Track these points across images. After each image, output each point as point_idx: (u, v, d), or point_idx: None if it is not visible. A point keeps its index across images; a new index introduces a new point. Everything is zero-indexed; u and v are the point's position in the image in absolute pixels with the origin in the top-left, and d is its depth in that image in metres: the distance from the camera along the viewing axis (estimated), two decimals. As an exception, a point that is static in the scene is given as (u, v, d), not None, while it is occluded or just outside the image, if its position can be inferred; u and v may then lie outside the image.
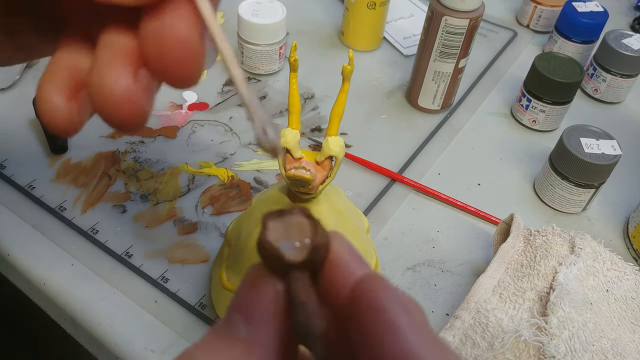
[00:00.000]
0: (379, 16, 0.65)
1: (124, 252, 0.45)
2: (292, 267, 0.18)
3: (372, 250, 0.40)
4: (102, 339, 0.40)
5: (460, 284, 0.45)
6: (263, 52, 0.60)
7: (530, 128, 0.60)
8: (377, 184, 0.52)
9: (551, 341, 0.37)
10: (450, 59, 0.55)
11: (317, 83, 0.63)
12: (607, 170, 0.48)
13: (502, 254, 0.43)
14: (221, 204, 0.49)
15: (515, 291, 0.41)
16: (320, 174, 0.31)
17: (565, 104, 0.57)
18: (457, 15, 0.52)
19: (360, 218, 0.40)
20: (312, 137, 0.56)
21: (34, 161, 0.51)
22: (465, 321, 0.39)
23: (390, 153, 0.55)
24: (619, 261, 0.43)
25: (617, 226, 0.51)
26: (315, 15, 0.73)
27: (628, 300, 0.41)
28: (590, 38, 0.65)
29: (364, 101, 0.61)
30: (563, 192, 0.50)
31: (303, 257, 0.18)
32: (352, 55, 0.30)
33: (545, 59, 0.57)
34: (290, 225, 0.19)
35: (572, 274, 0.41)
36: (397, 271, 0.46)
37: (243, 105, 0.19)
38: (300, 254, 0.18)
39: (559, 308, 0.38)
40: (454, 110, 0.61)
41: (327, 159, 0.31)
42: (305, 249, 0.18)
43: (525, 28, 0.74)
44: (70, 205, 0.47)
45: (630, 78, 0.62)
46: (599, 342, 0.38)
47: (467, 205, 0.51)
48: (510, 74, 0.67)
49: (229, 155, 0.53)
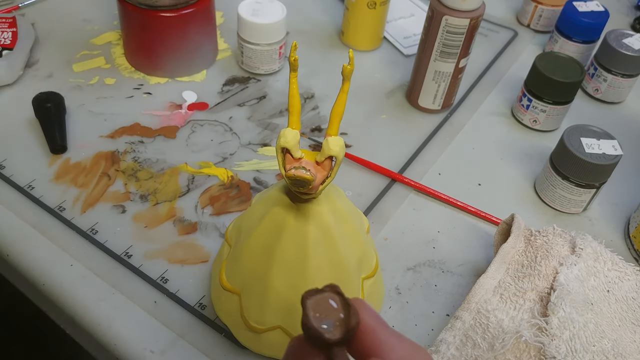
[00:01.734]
0: (379, 16, 0.65)
1: (124, 253, 0.44)
2: (332, 344, 0.22)
3: (372, 251, 0.40)
4: (101, 339, 0.40)
5: (460, 284, 0.45)
6: (263, 52, 0.60)
7: (531, 128, 0.60)
8: (377, 184, 0.52)
9: (552, 342, 0.37)
10: (451, 58, 0.55)
11: (317, 83, 0.62)
12: (608, 171, 0.48)
13: (502, 254, 0.43)
14: (221, 204, 0.49)
15: (516, 292, 0.41)
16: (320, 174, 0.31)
17: (566, 103, 0.57)
18: (458, 14, 0.52)
19: (361, 218, 0.40)
20: (312, 137, 0.56)
21: (33, 161, 0.51)
22: (465, 322, 0.39)
23: (391, 153, 0.55)
24: (620, 261, 0.43)
25: (618, 226, 0.51)
26: (315, 15, 0.73)
27: (629, 300, 0.41)
28: (591, 38, 0.65)
29: (364, 101, 0.61)
30: (564, 192, 0.50)
31: (341, 335, 0.22)
32: (352, 55, 0.30)
33: (546, 59, 0.57)
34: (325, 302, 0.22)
35: (572, 275, 0.40)
36: (398, 271, 0.45)
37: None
38: (338, 333, 0.22)
39: (560, 308, 0.38)
40: (454, 110, 0.61)
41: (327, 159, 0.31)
42: (341, 326, 0.22)
43: (526, 28, 0.74)
44: (69, 206, 0.47)
45: (631, 78, 0.62)
46: (600, 343, 0.38)
47: (467, 206, 0.51)
48: (510, 73, 0.67)
49: (229, 155, 0.53)
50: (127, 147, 0.53)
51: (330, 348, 0.22)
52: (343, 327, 0.22)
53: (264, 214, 0.35)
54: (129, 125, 0.55)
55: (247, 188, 0.51)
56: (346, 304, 0.22)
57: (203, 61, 0.62)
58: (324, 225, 0.34)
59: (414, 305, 0.43)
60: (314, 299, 0.22)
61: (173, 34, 0.57)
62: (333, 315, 0.22)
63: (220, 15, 0.70)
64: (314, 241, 0.34)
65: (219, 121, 0.57)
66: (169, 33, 0.57)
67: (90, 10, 0.69)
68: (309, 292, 0.22)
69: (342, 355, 0.22)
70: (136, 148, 0.53)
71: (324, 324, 0.22)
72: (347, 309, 0.22)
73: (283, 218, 0.34)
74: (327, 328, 0.22)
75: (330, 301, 0.22)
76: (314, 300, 0.22)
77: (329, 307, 0.22)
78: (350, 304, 0.22)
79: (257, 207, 0.37)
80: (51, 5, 0.69)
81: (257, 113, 0.58)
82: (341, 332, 0.22)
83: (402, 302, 0.44)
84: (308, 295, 0.22)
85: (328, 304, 0.22)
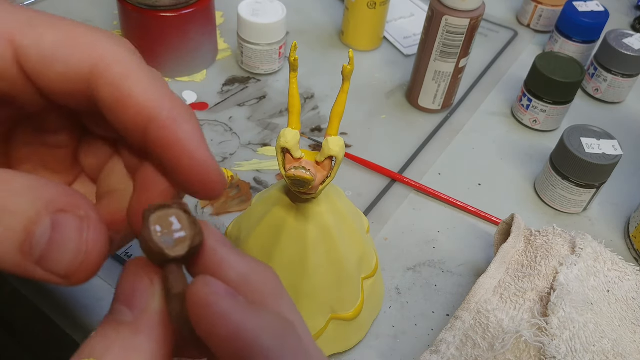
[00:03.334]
0: (379, 16, 0.65)
1: (124, 253, 0.44)
2: (170, 260, 0.20)
3: (372, 251, 0.40)
4: (101, 339, 0.40)
5: (460, 284, 0.45)
6: (263, 52, 0.60)
7: (531, 128, 0.60)
8: (377, 184, 0.52)
9: (552, 342, 0.37)
10: (451, 58, 0.55)
11: (317, 83, 0.62)
12: (608, 171, 0.48)
13: (502, 254, 0.43)
14: (221, 204, 0.49)
15: (516, 292, 0.41)
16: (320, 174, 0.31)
17: (566, 103, 0.57)
18: (458, 14, 0.52)
19: (361, 218, 0.40)
20: (312, 137, 0.56)
21: (33, 161, 0.51)
22: (465, 322, 0.39)
23: (391, 153, 0.55)
24: (620, 261, 0.43)
25: (618, 226, 0.51)
26: (315, 15, 0.73)
27: (629, 300, 0.41)
28: (591, 38, 0.65)
29: (364, 101, 0.61)
30: (564, 192, 0.50)
31: (183, 252, 0.20)
32: (352, 55, 0.30)
33: (546, 59, 0.57)
34: (169, 218, 0.20)
35: (572, 275, 0.40)
36: (398, 271, 0.45)
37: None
38: (180, 250, 0.20)
39: (560, 308, 0.38)
40: (454, 110, 0.61)
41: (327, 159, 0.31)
42: (184, 244, 0.20)
43: (526, 28, 0.74)
44: (69, 206, 0.47)
45: (631, 78, 0.62)
46: (600, 343, 0.38)
47: (467, 206, 0.51)
48: (510, 73, 0.67)
49: (229, 155, 0.53)
50: (127, 147, 0.53)
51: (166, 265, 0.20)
52: (185, 245, 0.20)
53: (264, 214, 0.35)
54: (129, 125, 0.55)
55: (247, 188, 0.51)
56: (192, 222, 0.21)
57: (203, 61, 0.62)
58: (324, 225, 0.34)
59: (414, 305, 0.43)
60: (158, 214, 0.20)
61: (173, 34, 0.57)
62: (176, 231, 0.20)
63: (220, 15, 0.70)
64: (314, 241, 0.34)
65: (219, 121, 0.57)
66: (169, 33, 0.57)
67: (90, 10, 0.69)
68: (153, 205, 0.21)
69: (176, 272, 0.20)
70: (136, 148, 0.53)
71: (165, 239, 0.20)
72: (192, 227, 0.21)
73: (283, 218, 0.34)
74: (169, 244, 0.20)
75: (173, 218, 0.20)
76: (157, 215, 0.20)
77: (173, 223, 0.20)
78: (196, 222, 0.21)
79: (257, 207, 0.37)
80: (51, 5, 0.69)
81: (257, 113, 0.58)
82: (183, 250, 0.20)
83: (402, 302, 0.43)
84: (152, 209, 0.20)
85: (172, 220, 0.20)
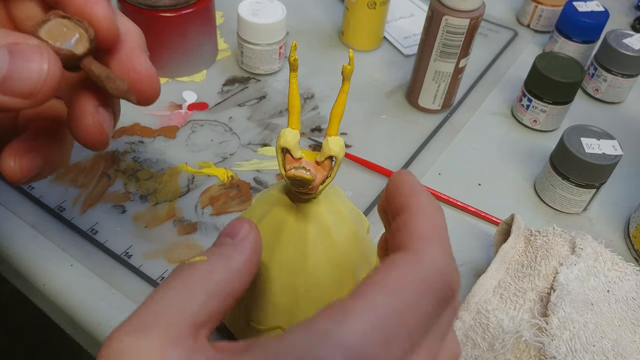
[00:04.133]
0: (379, 16, 0.65)
1: (124, 253, 0.44)
2: (81, 57, 0.23)
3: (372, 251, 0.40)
4: (101, 339, 0.40)
5: (460, 284, 0.45)
6: (263, 52, 0.60)
7: (531, 128, 0.60)
8: (377, 184, 0.52)
9: (552, 342, 0.37)
10: (451, 58, 0.55)
11: (317, 83, 0.62)
12: (608, 171, 0.48)
13: (502, 254, 0.43)
14: (221, 204, 0.49)
15: (515, 292, 0.41)
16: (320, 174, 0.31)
17: (565, 103, 0.57)
18: (458, 14, 0.52)
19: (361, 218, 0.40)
20: (312, 137, 0.56)
21: (33, 161, 0.51)
22: (465, 322, 0.39)
23: (391, 153, 0.55)
24: (620, 261, 0.43)
25: (618, 226, 0.51)
26: (315, 15, 0.73)
27: (629, 300, 0.41)
28: (591, 38, 0.65)
29: (364, 101, 0.61)
30: (564, 192, 0.50)
31: (87, 46, 0.23)
32: (352, 55, 0.30)
33: (546, 59, 0.57)
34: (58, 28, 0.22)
35: (572, 275, 0.40)
36: (398, 271, 0.45)
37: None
38: (82, 47, 0.23)
39: (560, 308, 0.38)
40: (454, 110, 0.61)
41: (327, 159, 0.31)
42: (83, 40, 0.23)
43: (526, 28, 0.74)
44: (69, 206, 0.47)
45: (631, 78, 0.62)
46: (600, 343, 0.38)
47: (467, 206, 0.51)
48: (510, 73, 0.67)
49: (229, 155, 0.53)
50: (127, 147, 0.53)
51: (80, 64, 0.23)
52: (85, 41, 0.22)
53: (263, 214, 0.35)
54: (129, 125, 0.55)
55: (247, 188, 0.51)
56: (77, 21, 0.23)
57: (203, 61, 0.62)
58: (324, 225, 0.34)
59: (414, 305, 0.43)
60: (44, 29, 0.22)
61: (173, 34, 0.57)
62: (70, 35, 0.22)
63: (220, 15, 0.70)
64: (313, 241, 0.34)
65: (219, 121, 0.57)
66: (169, 33, 0.57)
67: (90, 10, 0.68)
68: (36, 23, 0.22)
69: (95, 62, 0.23)
70: (136, 148, 0.53)
71: (66, 45, 0.22)
72: (81, 25, 0.23)
73: (283, 218, 0.34)
74: (71, 46, 0.22)
75: (61, 27, 0.22)
76: (44, 30, 0.22)
77: (63, 29, 0.22)
78: (80, 20, 0.23)
79: (257, 207, 0.37)
80: (51, 5, 0.68)
81: (257, 113, 0.58)
82: (85, 46, 0.22)
83: (402, 302, 0.43)
84: (36, 26, 0.22)
85: (61, 29, 0.22)
